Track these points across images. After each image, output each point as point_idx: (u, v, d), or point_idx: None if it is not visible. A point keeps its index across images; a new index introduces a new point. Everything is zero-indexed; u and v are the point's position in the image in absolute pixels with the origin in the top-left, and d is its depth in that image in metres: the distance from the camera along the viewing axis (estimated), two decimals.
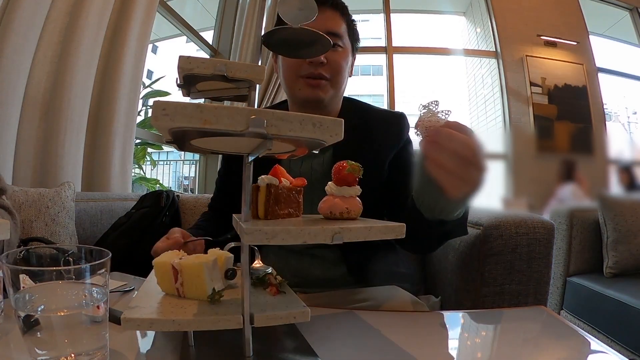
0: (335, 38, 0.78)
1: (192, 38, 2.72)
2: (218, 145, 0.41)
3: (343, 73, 0.80)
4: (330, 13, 0.79)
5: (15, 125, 1.29)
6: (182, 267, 0.42)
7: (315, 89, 0.77)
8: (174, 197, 1.43)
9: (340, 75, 0.79)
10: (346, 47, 0.80)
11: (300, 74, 0.78)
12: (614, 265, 1.68)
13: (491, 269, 0.75)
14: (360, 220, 0.45)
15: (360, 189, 0.47)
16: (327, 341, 0.46)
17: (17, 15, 1.24)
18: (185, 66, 0.37)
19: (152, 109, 0.31)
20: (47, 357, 0.34)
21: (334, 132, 0.37)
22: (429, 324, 0.55)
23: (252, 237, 0.34)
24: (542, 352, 0.48)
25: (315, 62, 0.76)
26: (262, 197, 0.45)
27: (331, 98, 0.80)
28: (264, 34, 0.44)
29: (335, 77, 0.79)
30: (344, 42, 0.80)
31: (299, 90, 0.79)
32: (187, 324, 0.37)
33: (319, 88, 0.78)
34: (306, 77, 0.77)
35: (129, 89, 1.73)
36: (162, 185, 3.67)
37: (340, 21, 0.80)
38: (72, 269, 0.36)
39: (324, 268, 0.78)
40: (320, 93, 0.78)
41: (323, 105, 0.80)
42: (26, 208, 1.03)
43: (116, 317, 0.40)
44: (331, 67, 0.78)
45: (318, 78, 0.77)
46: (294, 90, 0.80)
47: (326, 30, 0.75)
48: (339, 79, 0.80)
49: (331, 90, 0.79)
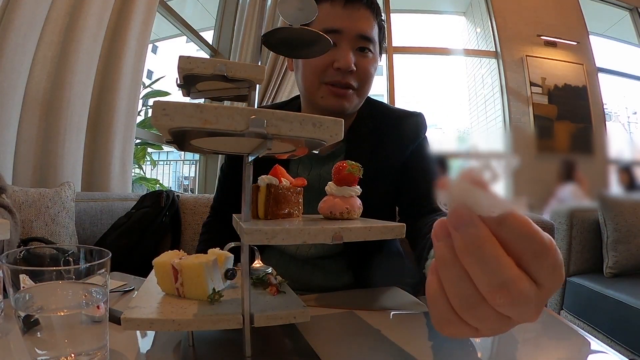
0: (366, 42, 0.70)
1: (192, 38, 2.72)
2: (218, 145, 0.41)
3: (371, 81, 0.73)
4: (364, 13, 0.70)
5: (15, 125, 1.29)
6: (182, 267, 0.42)
7: (341, 100, 0.70)
8: (174, 197, 1.43)
9: (368, 84, 0.72)
10: (376, 53, 0.73)
11: (325, 80, 0.70)
12: (614, 265, 1.68)
13: None
14: (360, 220, 0.45)
15: (360, 189, 0.47)
16: (327, 341, 0.46)
17: (17, 15, 1.24)
18: (185, 66, 0.37)
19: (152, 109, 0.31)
20: (47, 357, 0.34)
21: (334, 132, 0.37)
22: (429, 324, 0.55)
23: (252, 237, 0.34)
24: (542, 352, 0.48)
25: (344, 69, 0.68)
26: (262, 197, 0.45)
27: (355, 107, 0.73)
28: (264, 34, 0.44)
29: (363, 86, 0.71)
30: (375, 47, 0.72)
31: (322, 98, 0.71)
32: (187, 324, 0.37)
33: (344, 98, 0.70)
34: (331, 85, 0.69)
35: (129, 89, 1.73)
36: (162, 185, 3.67)
37: (373, 23, 0.72)
38: (72, 269, 0.36)
39: (325, 278, 0.77)
40: (346, 103, 0.70)
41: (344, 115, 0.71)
42: (26, 208, 1.03)
43: (116, 317, 0.40)
44: (360, 75, 0.70)
45: (345, 87, 0.69)
46: (315, 97, 0.72)
47: (357, 32, 0.69)
48: (367, 88, 0.73)
49: (357, 99, 0.72)
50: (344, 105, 0.70)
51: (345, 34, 0.69)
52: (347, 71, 0.68)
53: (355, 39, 0.70)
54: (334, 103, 0.70)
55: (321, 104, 0.71)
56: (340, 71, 0.68)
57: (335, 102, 0.70)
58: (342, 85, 0.69)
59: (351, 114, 0.77)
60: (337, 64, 0.68)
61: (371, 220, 0.45)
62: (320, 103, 0.71)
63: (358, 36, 0.70)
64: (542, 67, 3.23)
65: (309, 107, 0.77)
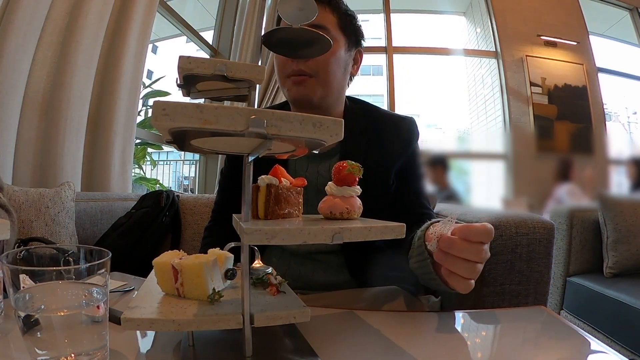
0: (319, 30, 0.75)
1: (192, 38, 2.72)
2: (218, 145, 0.41)
3: (329, 68, 0.74)
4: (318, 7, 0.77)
5: (15, 125, 1.29)
6: (182, 267, 0.42)
7: (300, 87, 0.74)
8: (174, 197, 1.43)
9: (325, 72, 0.74)
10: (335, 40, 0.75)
11: (286, 73, 0.75)
12: (614, 265, 1.68)
13: (491, 269, 0.75)
14: (360, 220, 0.45)
15: (360, 189, 0.47)
16: (327, 341, 0.46)
17: (17, 15, 1.24)
18: (185, 66, 0.37)
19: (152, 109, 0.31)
20: (47, 357, 0.34)
21: (334, 132, 0.37)
22: (429, 324, 0.55)
23: (252, 237, 0.34)
24: (542, 352, 0.48)
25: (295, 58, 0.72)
26: (262, 197, 0.45)
27: (322, 97, 0.75)
28: (264, 34, 0.44)
29: (320, 73, 0.73)
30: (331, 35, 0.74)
31: (288, 90, 0.76)
32: (187, 324, 0.37)
33: (302, 85, 0.74)
34: (291, 76, 0.74)
35: (129, 89, 1.73)
36: (162, 185, 3.67)
37: (327, 14, 0.75)
38: (72, 269, 0.36)
39: (326, 273, 0.77)
40: (305, 91, 0.74)
41: (317, 106, 0.76)
42: (26, 208, 1.03)
43: (116, 317, 0.40)
44: (315, 61, 0.72)
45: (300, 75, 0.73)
46: (285, 91, 0.77)
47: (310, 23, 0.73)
48: (325, 76, 0.74)
49: (319, 88, 0.74)
50: (304, 92, 0.74)
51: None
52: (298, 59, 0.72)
53: None
54: (295, 92, 0.75)
55: (289, 96, 0.77)
56: (295, 61, 0.73)
57: (296, 91, 0.74)
58: (297, 73, 0.73)
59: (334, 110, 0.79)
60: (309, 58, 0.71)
61: (371, 220, 0.45)
62: (289, 95, 0.76)
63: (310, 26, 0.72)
64: (542, 67, 3.23)
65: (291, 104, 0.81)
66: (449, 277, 0.48)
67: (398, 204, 0.77)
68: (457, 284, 0.47)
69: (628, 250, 1.67)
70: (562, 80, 3.23)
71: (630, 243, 1.67)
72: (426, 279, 0.57)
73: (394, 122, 0.81)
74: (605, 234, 1.72)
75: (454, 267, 0.47)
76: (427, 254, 0.54)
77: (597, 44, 3.38)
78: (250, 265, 0.47)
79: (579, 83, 3.25)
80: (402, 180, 0.78)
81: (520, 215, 0.79)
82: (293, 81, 0.74)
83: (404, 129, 0.80)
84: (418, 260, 0.57)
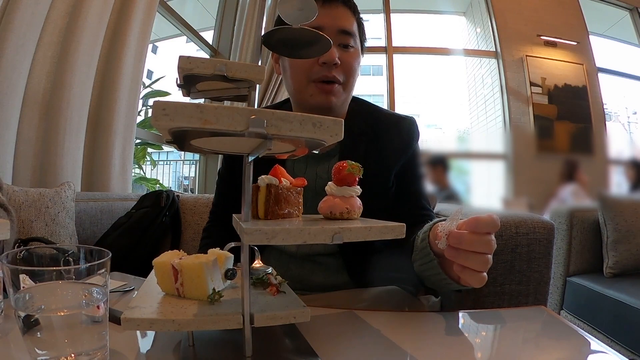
0: (347, 37, 0.73)
1: (192, 38, 2.72)
2: (218, 145, 0.41)
3: (355, 75, 0.76)
4: (342, 10, 0.74)
5: (15, 125, 1.29)
6: (182, 267, 0.42)
7: (329, 95, 0.72)
8: (174, 197, 1.43)
9: (353, 78, 0.75)
10: (357, 47, 0.76)
11: (312, 77, 0.72)
12: (614, 265, 1.68)
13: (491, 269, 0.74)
14: (360, 220, 0.45)
15: (360, 189, 0.47)
16: (327, 341, 0.46)
17: (17, 15, 1.24)
18: (185, 66, 0.37)
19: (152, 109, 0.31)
20: (47, 357, 0.34)
21: (334, 132, 0.37)
22: (429, 324, 0.55)
23: (252, 237, 0.34)
24: (542, 352, 0.48)
25: (329, 62, 0.70)
26: (262, 197, 0.45)
27: (342, 103, 0.76)
28: (264, 34, 0.44)
29: (348, 79, 0.74)
30: (356, 42, 0.76)
31: (311, 96, 0.73)
32: (187, 324, 0.37)
33: (332, 93, 0.72)
34: (319, 82, 0.72)
35: (129, 89, 1.73)
36: (162, 185, 3.67)
37: (352, 19, 0.75)
38: (72, 269, 0.36)
39: (325, 275, 0.77)
40: (333, 99, 0.73)
41: (333, 110, 0.75)
42: (26, 208, 1.03)
43: (116, 317, 0.40)
44: (344, 69, 0.73)
45: (331, 82, 0.72)
46: (304, 96, 0.74)
47: (338, 28, 0.72)
48: (351, 83, 0.75)
49: (344, 94, 0.75)
50: (331, 100, 0.73)
51: (326, 30, 0.71)
52: (332, 65, 0.71)
53: (336, 35, 0.72)
54: (323, 99, 0.72)
55: (310, 102, 0.73)
56: (326, 65, 0.71)
57: (324, 99, 0.72)
58: (329, 80, 0.72)
59: (340, 113, 0.79)
60: (322, 58, 0.70)
61: (371, 220, 0.45)
62: (310, 101, 0.73)
63: (339, 31, 0.73)
64: (542, 67, 3.23)
65: (299, 107, 0.79)
66: (462, 273, 0.47)
67: (398, 204, 0.77)
68: (470, 278, 0.47)
69: (628, 250, 1.67)
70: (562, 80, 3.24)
71: (630, 243, 1.67)
72: (434, 281, 0.57)
73: (394, 122, 0.80)
74: (605, 234, 1.72)
75: (466, 261, 0.46)
76: (433, 254, 0.53)
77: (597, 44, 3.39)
78: (250, 265, 0.47)
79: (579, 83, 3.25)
80: (402, 181, 0.78)
81: (520, 215, 0.79)
82: (321, 89, 0.72)
83: (404, 129, 0.80)
84: (424, 262, 0.56)
